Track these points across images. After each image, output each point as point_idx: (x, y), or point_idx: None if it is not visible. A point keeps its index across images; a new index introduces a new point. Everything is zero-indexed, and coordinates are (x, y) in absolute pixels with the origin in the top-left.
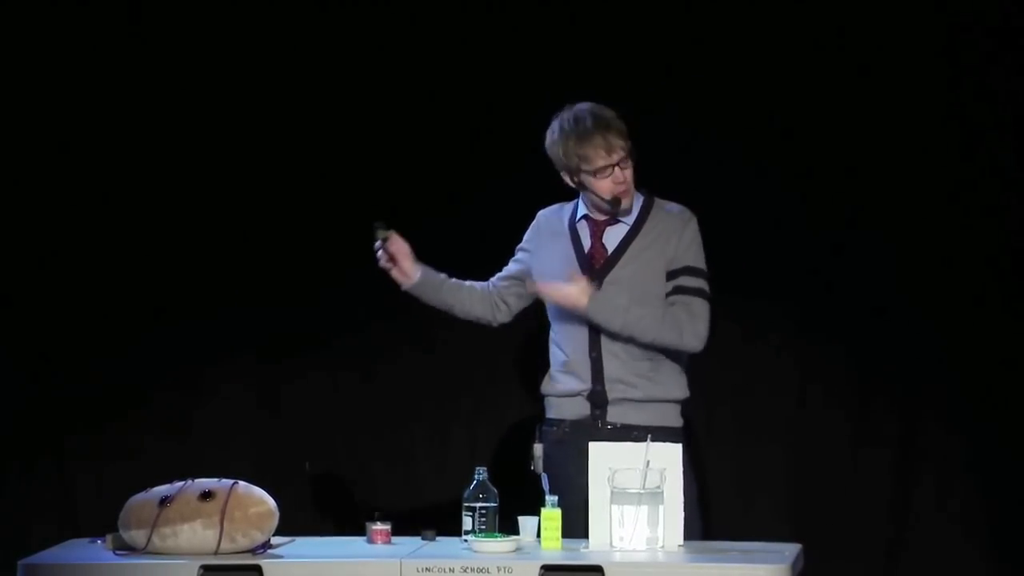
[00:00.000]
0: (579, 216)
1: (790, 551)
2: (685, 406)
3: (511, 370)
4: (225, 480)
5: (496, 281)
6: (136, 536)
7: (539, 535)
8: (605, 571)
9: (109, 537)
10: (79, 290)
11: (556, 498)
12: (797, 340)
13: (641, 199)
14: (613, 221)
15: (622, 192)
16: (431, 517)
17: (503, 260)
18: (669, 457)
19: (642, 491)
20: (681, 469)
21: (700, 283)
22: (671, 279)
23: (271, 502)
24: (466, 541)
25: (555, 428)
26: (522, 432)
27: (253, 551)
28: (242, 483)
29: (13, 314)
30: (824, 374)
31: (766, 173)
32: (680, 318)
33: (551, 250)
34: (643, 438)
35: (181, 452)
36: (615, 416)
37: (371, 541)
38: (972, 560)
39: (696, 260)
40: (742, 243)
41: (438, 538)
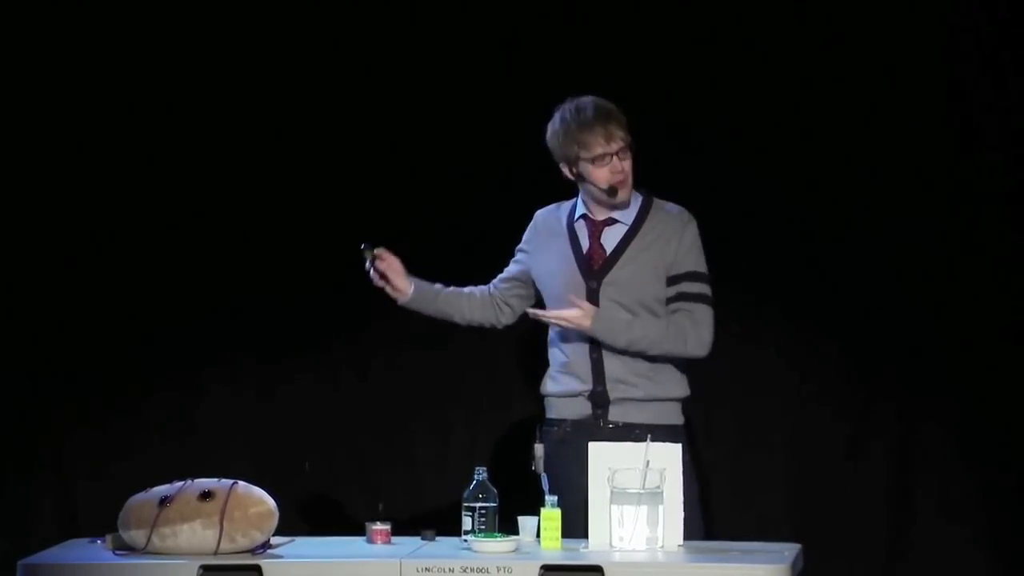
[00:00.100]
0: (577, 216)
1: (790, 551)
2: (686, 404)
3: (511, 370)
4: (225, 480)
5: (497, 284)
6: (136, 536)
7: (539, 535)
8: (605, 571)
9: (109, 537)
10: (79, 290)
11: (556, 498)
12: (797, 340)
13: (640, 199)
14: (611, 221)
15: (619, 182)
16: (431, 517)
17: (502, 262)
18: (669, 457)
19: (642, 491)
20: (681, 469)
21: (702, 288)
22: (673, 284)
23: (271, 502)
24: (466, 541)
25: (556, 428)
26: (522, 432)
27: (253, 551)
28: (242, 483)
29: (13, 314)
30: (823, 374)
31: (766, 173)
32: (684, 327)
33: (550, 250)
34: (644, 437)
35: (181, 452)
36: (617, 415)
37: (371, 541)
38: (972, 560)
39: (698, 264)
40: (741, 243)
41: (438, 538)
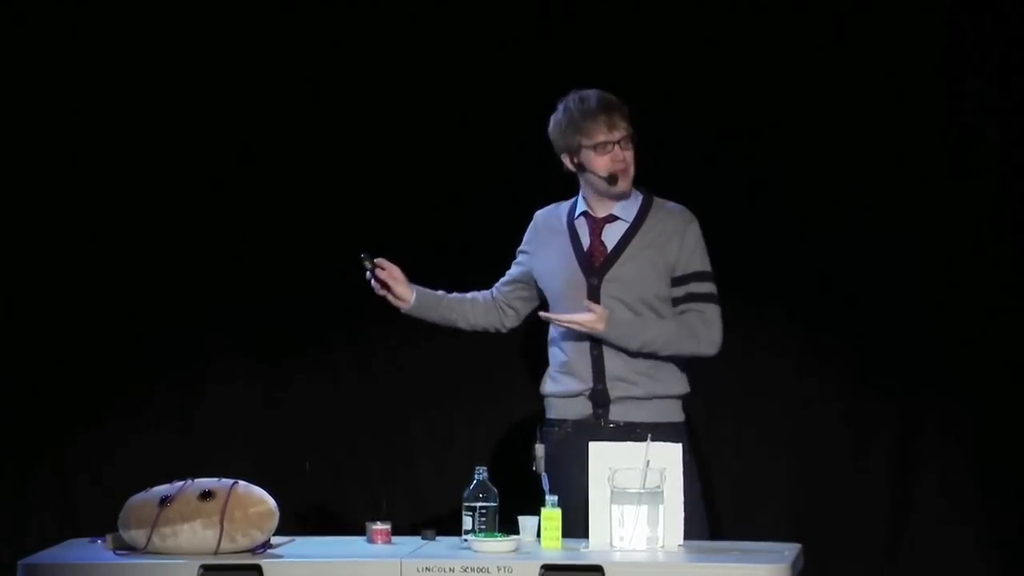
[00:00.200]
0: (578, 213)
1: (790, 551)
2: (686, 401)
3: (511, 370)
4: (225, 480)
5: (499, 287)
6: (136, 536)
7: (539, 535)
8: (605, 571)
9: (109, 537)
10: (79, 290)
11: (556, 498)
12: (797, 340)
13: (640, 197)
14: (612, 218)
15: (620, 171)
16: (431, 517)
17: (501, 264)
18: (669, 457)
19: (642, 491)
20: (681, 469)
21: (709, 287)
22: (681, 284)
23: (271, 502)
24: (466, 541)
25: (557, 428)
26: (522, 432)
27: (253, 551)
28: (242, 483)
29: (13, 314)
30: (824, 374)
31: (767, 172)
32: (696, 327)
33: (550, 248)
34: (646, 437)
35: (181, 452)
36: (618, 415)
37: (371, 541)
38: (972, 560)
39: (703, 264)
40: (742, 243)
41: (438, 538)
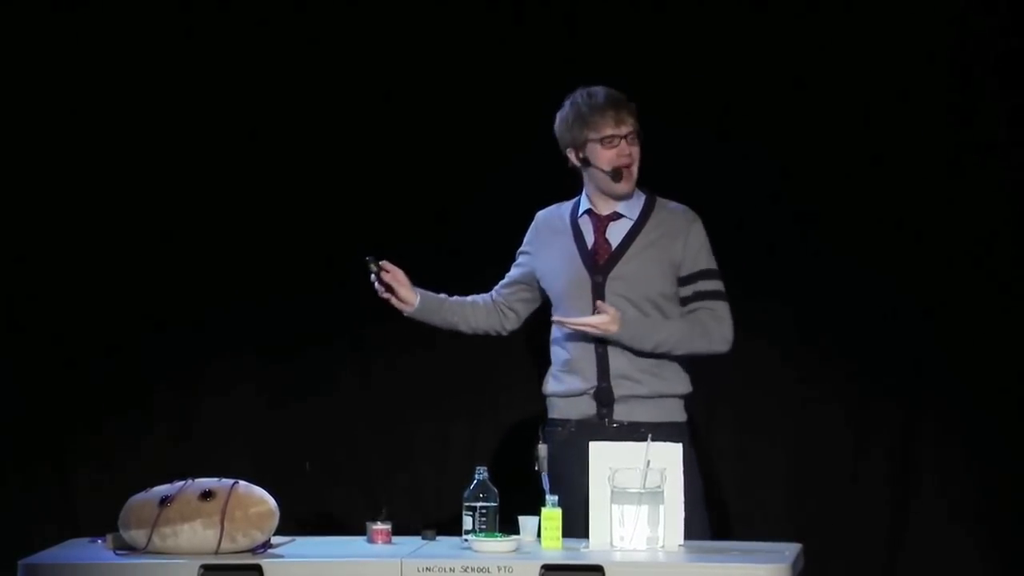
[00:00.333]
0: (581, 212)
1: (790, 551)
2: (688, 401)
3: (511, 370)
4: (225, 480)
5: (500, 290)
6: (136, 536)
7: (539, 535)
8: (605, 571)
9: (109, 537)
10: (79, 290)
11: (556, 498)
12: (797, 339)
13: (643, 197)
14: (616, 216)
15: (625, 165)
16: (431, 517)
17: (500, 265)
18: (669, 456)
19: (642, 491)
20: (681, 469)
21: (717, 285)
22: (689, 284)
23: (271, 502)
24: (466, 541)
25: (560, 428)
26: (522, 432)
27: (253, 551)
28: (242, 483)
29: (13, 314)
30: (824, 374)
31: (768, 172)
32: (708, 325)
33: (554, 248)
34: (650, 437)
35: (181, 452)
36: (622, 414)
37: (371, 541)
38: (972, 560)
39: (709, 262)
40: (742, 243)
41: (438, 538)
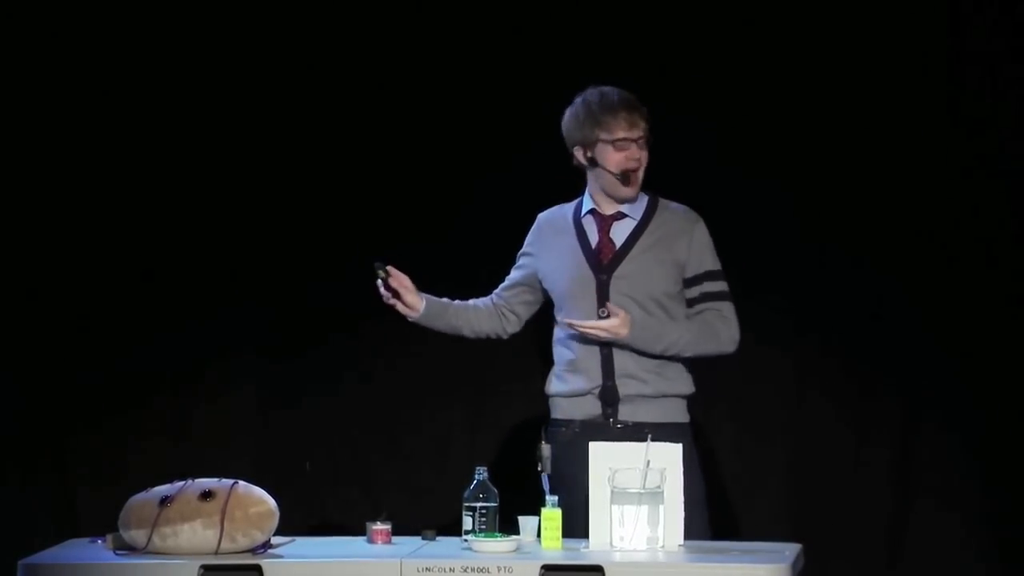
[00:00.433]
0: (584, 211)
1: (790, 551)
2: (691, 402)
3: (512, 370)
4: (225, 480)
5: (500, 292)
6: (136, 536)
7: (539, 535)
8: (605, 571)
9: (109, 537)
10: (79, 290)
11: (556, 498)
12: (797, 339)
13: (646, 198)
14: (620, 216)
15: (633, 169)
16: (431, 517)
17: (503, 268)
18: (669, 456)
19: (642, 491)
20: (681, 469)
21: (723, 285)
22: (694, 285)
23: (271, 502)
24: (466, 541)
25: (564, 429)
26: (523, 432)
27: (253, 551)
28: (242, 483)
29: (13, 314)
30: (824, 374)
31: (768, 172)
32: (716, 326)
33: (557, 247)
34: (654, 437)
35: (181, 452)
36: (626, 414)
37: (371, 541)
38: (972, 560)
39: (714, 263)
40: (742, 243)
41: (438, 538)
